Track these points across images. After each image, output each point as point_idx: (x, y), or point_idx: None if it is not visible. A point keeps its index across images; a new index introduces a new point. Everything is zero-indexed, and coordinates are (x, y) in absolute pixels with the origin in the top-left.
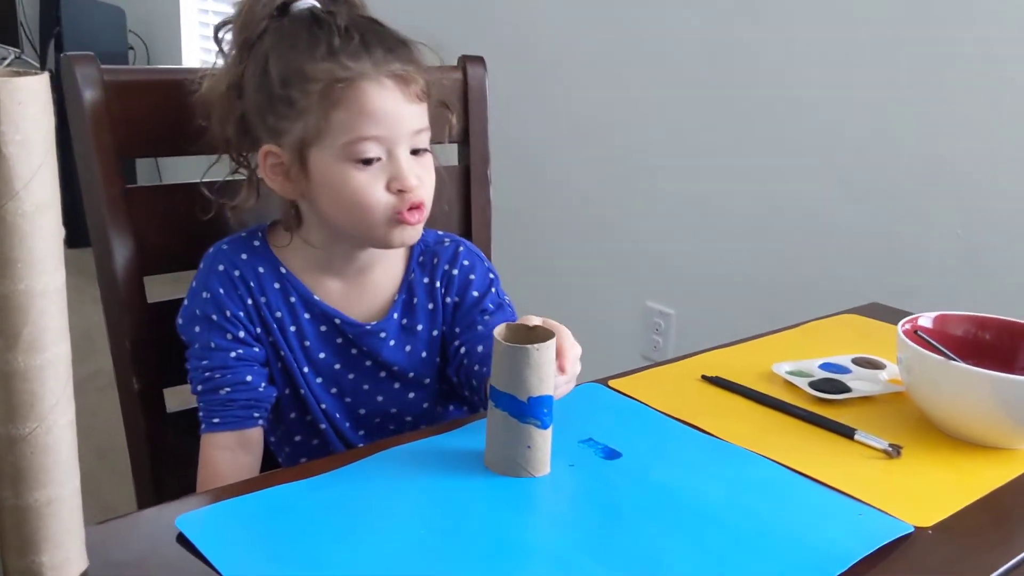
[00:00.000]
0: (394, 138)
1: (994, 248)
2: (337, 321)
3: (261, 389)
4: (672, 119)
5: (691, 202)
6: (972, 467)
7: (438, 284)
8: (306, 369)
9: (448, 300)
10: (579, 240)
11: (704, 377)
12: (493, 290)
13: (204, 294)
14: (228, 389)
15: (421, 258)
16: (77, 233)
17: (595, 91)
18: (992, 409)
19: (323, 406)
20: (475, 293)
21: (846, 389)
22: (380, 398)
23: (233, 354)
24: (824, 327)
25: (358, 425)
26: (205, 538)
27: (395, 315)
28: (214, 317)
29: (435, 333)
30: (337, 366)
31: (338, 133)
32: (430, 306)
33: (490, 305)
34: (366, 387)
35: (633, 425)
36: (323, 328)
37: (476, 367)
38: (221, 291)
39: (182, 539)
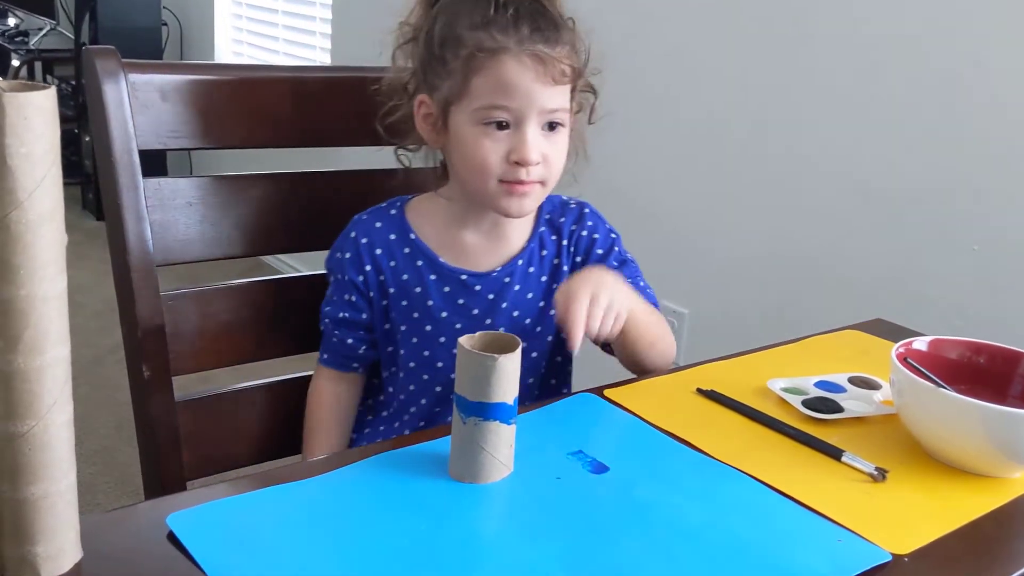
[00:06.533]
0: (523, 111)
1: (1011, 265)
2: (463, 277)
3: (361, 352)
4: (687, 120)
5: (706, 201)
6: (956, 494)
7: (565, 242)
8: (428, 328)
9: (578, 260)
10: None
11: (699, 390)
12: (616, 248)
13: (337, 254)
14: (336, 339)
15: (548, 216)
16: None
17: (610, 87)
18: (980, 438)
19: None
20: (599, 251)
21: (839, 409)
22: None
23: (342, 314)
24: (825, 343)
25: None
26: (193, 537)
27: (520, 262)
28: (338, 276)
29: (555, 287)
30: (459, 325)
31: (474, 98)
32: (555, 261)
33: (614, 263)
34: None
35: (624, 439)
36: (447, 289)
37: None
38: (347, 255)
39: (173, 536)
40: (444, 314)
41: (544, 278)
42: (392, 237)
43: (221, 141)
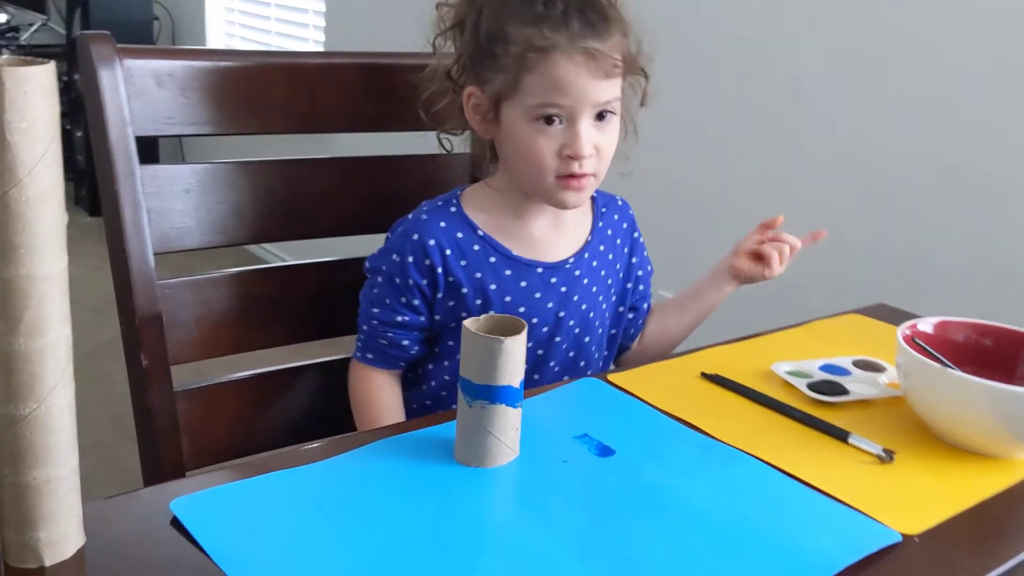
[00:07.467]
0: (575, 108)
1: (1010, 253)
2: (539, 270)
3: (413, 352)
4: (687, 112)
5: (705, 193)
6: (964, 475)
7: (619, 241)
8: None
9: (633, 260)
10: None
11: (704, 374)
12: (649, 268)
13: (394, 256)
14: (385, 342)
15: (604, 209)
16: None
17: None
18: (988, 419)
19: None
20: (645, 253)
21: (844, 391)
22: (564, 346)
23: (400, 318)
24: (828, 327)
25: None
26: (198, 523)
27: (586, 255)
28: (396, 280)
29: (610, 282)
30: (535, 320)
31: (526, 95)
32: (610, 256)
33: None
34: (558, 339)
35: (629, 422)
36: (523, 283)
37: (632, 330)
38: (410, 259)
39: (176, 522)
40: (522, 309)
41: (604, 272)
42: (460, 235)
43: (217, 127)
